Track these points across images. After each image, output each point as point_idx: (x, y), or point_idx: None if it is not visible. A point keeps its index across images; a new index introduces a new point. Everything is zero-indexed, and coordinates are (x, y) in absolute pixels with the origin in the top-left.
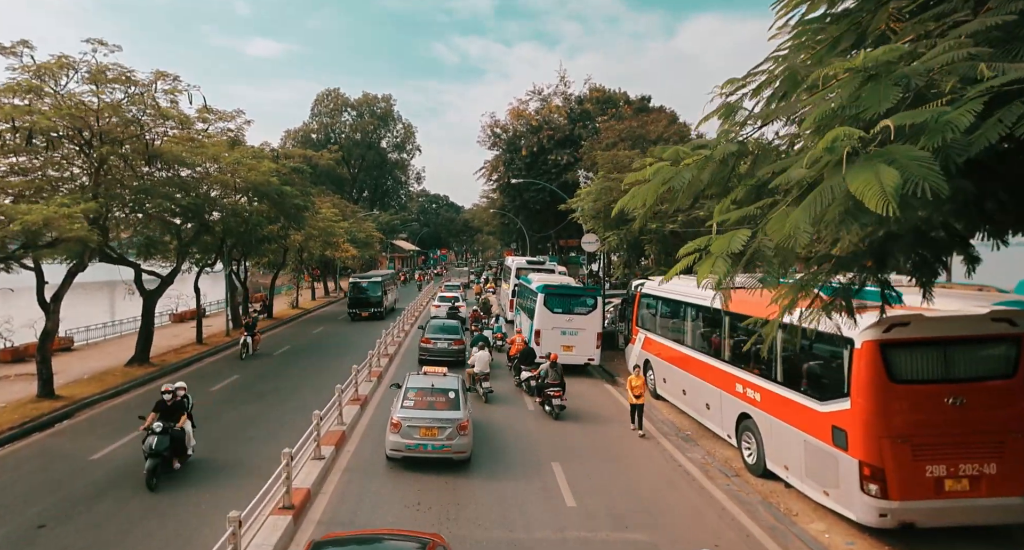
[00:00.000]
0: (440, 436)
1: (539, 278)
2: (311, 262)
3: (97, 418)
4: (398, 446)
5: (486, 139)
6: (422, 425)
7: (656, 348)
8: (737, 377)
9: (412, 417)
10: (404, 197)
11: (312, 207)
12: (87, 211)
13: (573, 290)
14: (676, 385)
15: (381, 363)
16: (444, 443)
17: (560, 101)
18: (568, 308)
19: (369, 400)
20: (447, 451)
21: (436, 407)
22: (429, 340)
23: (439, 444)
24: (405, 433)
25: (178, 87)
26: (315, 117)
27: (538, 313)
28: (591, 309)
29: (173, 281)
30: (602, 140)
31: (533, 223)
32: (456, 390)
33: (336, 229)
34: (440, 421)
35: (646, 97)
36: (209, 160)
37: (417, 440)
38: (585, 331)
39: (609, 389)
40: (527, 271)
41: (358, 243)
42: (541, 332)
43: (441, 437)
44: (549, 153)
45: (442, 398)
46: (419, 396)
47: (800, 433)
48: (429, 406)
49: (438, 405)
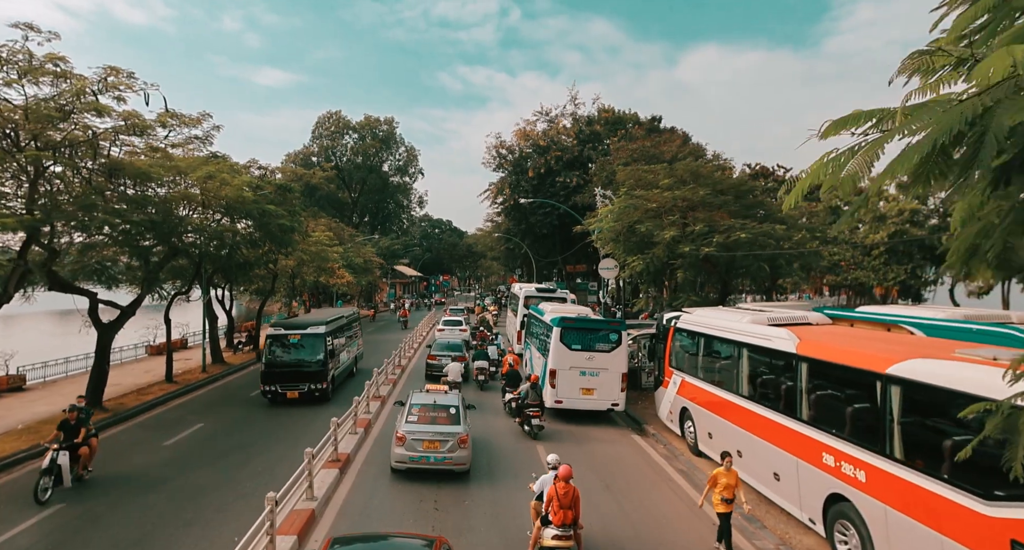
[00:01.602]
0: (442, 449)
1: (551, 308)
2: (303, 289)
3: (10, 484)
4: (402, 458)
5: (491, 160)
6: (425, 438)
7: (698, 395)
8: (826, 445)
9: (416, 431)
10: (406, 221)
11: (301, 229)
12: (11, 226)
13: (594, 324)
14: (727, 442)
15: None
16: (446, 455)
17: (569, 122)
18: (589, 345)
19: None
20: (448, 463)
21: (438, 422)
22: (435, 357)
23: (441, 456)
24: (409, 446)
25: (133, 85)
26: (316, 140)
27: (553, 350)
28: (615, 346)
29: (135, 312)
30: (613, 160)
31: (539, 248)
32: (457, 406)
33: (330, 254)
34: (442, 435)
35: (656, 117)
36: (172, 172)
37: (420, 452)
38: (608, 371)
39: (638, 442)
40: (536, 300)
41: (356, 269)
42: (557, 372)
43: (443, 450)
44: (557, 175)
45: (443, 413)
46: (422, 412)
47: (945, 540)
48: (431, 421)
49: (440, 420)
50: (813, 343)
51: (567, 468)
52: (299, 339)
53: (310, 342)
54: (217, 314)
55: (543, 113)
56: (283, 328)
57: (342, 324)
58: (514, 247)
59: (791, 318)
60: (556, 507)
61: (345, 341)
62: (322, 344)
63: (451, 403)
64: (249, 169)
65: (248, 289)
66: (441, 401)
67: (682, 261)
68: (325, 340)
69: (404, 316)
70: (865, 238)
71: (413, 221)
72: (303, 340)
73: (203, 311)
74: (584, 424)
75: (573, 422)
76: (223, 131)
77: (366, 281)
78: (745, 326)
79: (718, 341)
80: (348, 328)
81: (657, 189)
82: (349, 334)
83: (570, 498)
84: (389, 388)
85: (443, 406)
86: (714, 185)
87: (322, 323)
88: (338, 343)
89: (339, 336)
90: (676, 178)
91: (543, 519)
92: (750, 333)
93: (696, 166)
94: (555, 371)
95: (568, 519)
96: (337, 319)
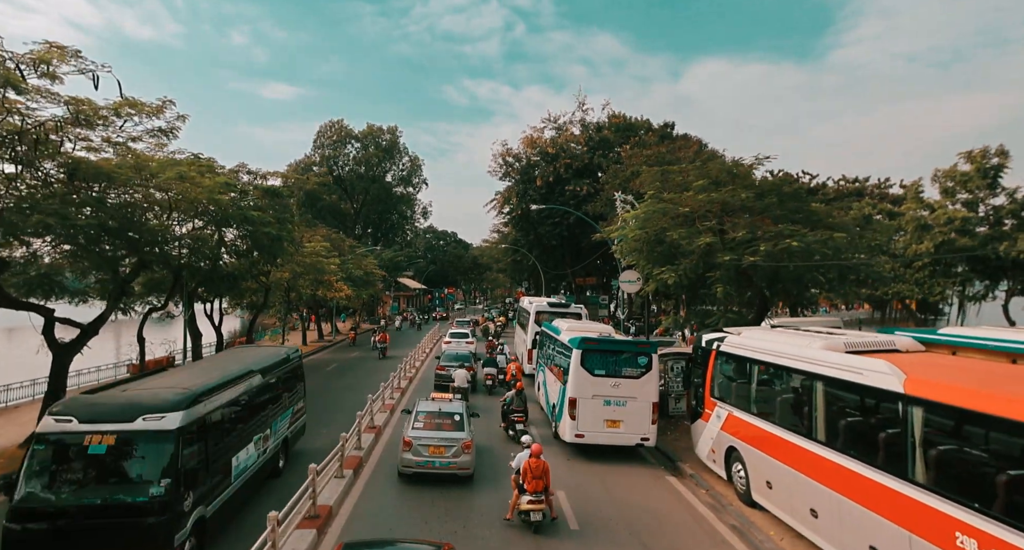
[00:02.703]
0: (447, 454)
1: (568, 326)
2: (299, 302)
3: None
4: (409, 462)
5: (498, 169)
6: (431, 444)
7: (751, 434)
8: (959, 521)
9: (422, 437)
10: (410, 233)
11: (290, 237)
12: None
13: (620, 345)
14: (795, 497)
15: None
16: (450, 460)
17: (578, 129)
18: (614, 369)
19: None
20: (453, 468)
21: (443, 428)
22: (443, 367)
23: (446, 461)
24: (416, 451)
25: (82, 66)
26: (317, 149)
27: (573, 376)
28: (645, 370)
29: (98, 331)
30: (627, 167)
31: (547, 260)
32: (461, 414)
33: (325, 265)
34: (447, 440)
35: (669, 124)
36: (138, 174)
37: (426, 457)
38: (636, 400)
39: (675, 486)
40: (549, 315)
41: (356, 281)
42: (577, 402)
43: (448, 455)
44: (567, 183)
45: (448, 420)
46: (428, 418)
47: None
48: (437, 427)
49: (445, 426)
50: (926, 381)
51: (538, 446)
52: (110, 447)
53: (138, 451)
54: (202, 331)
55: (551, 120)
56: (74, 418)
57: (244, 391)
58: (521, 258)
59: (874, 344)
60: (530, 478)
61: (253, 419)
62: (169, 453)
63: (455, 410)
64: (237, 174)
65: (239, 303)
66: (446, 408)
67: (720, 273)
68: (180, 442)
69: (383, 341)
70: (907, 249)
71: (417, 233)
72: (118, 449)
73: (184, 329)
74: (609, 461)
75: (597, 459)
76: (226, 138)
77: (367, 294)
78: (819, 354)
79: (780, 370)
80: (263, 392)
81: (689, 191)
82: (267, 400)
83: (540, 470)
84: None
85: (448, 413)
86: (754, 187)
87: (181, 401)
88: (228, 436)
89: (236, 415)
90: (710, 179)
91: (520, 488)
92: (828, 363)
93: (731, 165)
94: (575, 400)
95: (539, 487)
96: (231, 380)
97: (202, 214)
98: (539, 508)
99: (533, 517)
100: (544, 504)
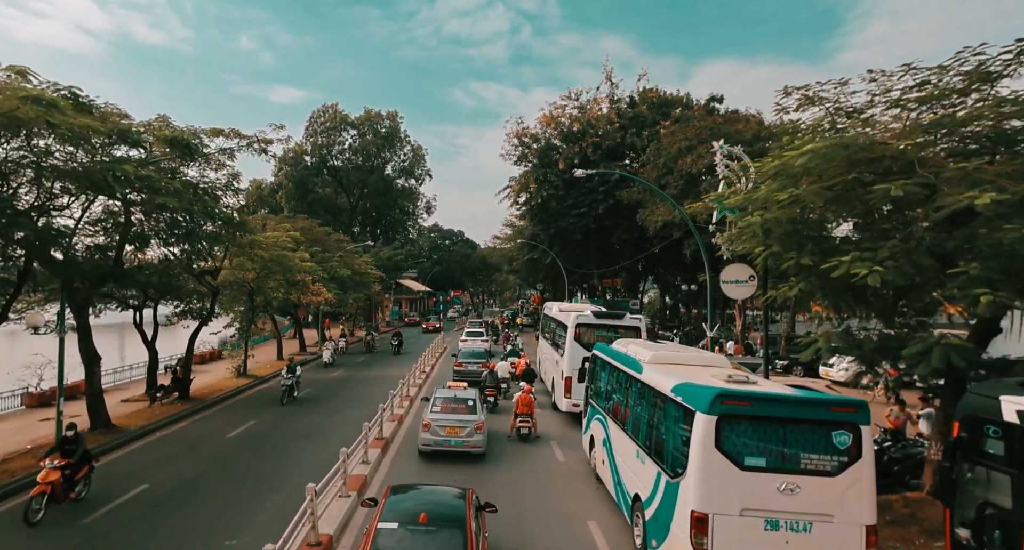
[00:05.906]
0: (462, 434)
1: (653, 357)
2: (267, 308)
3: None
4: (428, 442)
5: (512, 151)
6: (447, 425)
7: None
8: None
9: (439, 419)
10: (412, 230)
11: (214, 214)
12: None
13: (794, 406)
14: None
15: None
16: (464, 439)
17: (606, 107)
18: (784, 457)
19: None
20: (467, 446)
21: (458, 411)
22: (461, 363)
23: (460, 440)
24: (434, 431)
25: None
26: (309, 137)
27: (700, 467)
28: (845, 458)
29: None
30: (670, 145)
31: (568, 257)
32: (474, 399)
33: (289, 260)
34: (461, 422)
35: (716, 96)
36: None
37: (443, 437)
38: (832, 523)
39: None
40: (591, 329)
41: (344, 282)
42: (712, 522)
43: (462, 435)
44: (595, 166)
45: (463, 405)
46: (445, 403)
47: None
48: (453, 411)
49: (460, 410)
50: None
51: (528, 386)
52: None
53: None
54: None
55: (572, 97)
56: None
57: None
58: (539, 256)
59: None
60: (521, 405)
61: None
62: None
63: (469, 396)
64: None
65: (188, 310)
66: (461, 395)
67: (975, 265)
68: None
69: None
70: None
71: (421, 230)
72: None
73: (59, 349)
74: None
75: None
76: None
77: (359, 297)
78: None
79: None
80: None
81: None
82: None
83: (527, 399)
84: None
85: (462, 399)
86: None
87: None
88: None
89: None
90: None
91: (514, 414)
92: None
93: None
94: (706, 518)
95: (526, 411)
96: None
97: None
98: (527, 425)
99: (522, 431)
100: (530, 421)
